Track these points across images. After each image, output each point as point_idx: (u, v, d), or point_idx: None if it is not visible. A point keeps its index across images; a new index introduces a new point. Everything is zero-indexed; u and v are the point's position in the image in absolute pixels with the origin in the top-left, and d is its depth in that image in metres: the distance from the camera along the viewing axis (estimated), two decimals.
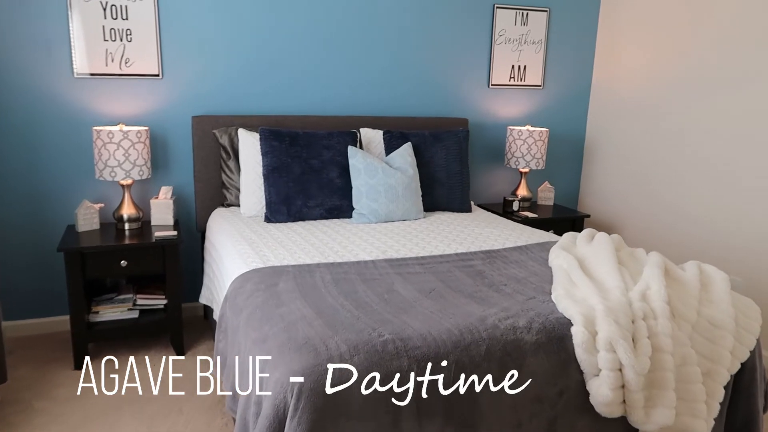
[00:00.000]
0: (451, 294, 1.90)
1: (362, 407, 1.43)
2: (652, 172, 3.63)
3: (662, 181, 3.54)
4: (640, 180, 3.72)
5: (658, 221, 3.58)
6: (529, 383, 1.60)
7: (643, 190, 3.70)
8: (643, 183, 3.69)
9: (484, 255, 2.34)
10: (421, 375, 1.49)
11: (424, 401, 1.49)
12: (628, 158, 3.82)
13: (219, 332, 2.08)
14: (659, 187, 3.57)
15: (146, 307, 2.98)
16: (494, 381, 1.56)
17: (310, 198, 2.91)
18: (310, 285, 1.93)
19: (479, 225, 2.91)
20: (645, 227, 3.68)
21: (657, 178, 3.59)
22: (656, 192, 3.59)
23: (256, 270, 2.08)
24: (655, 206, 3.61)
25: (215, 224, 2.91)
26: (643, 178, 3.69)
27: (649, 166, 3.65)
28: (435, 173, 3.19)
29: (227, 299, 2.04)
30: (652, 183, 3.62)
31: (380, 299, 1.82)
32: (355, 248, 2.43)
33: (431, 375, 1.50)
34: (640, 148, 3.72)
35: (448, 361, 1.53)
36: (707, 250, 3.25)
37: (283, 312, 1.71)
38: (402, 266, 2.16)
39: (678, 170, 3.43)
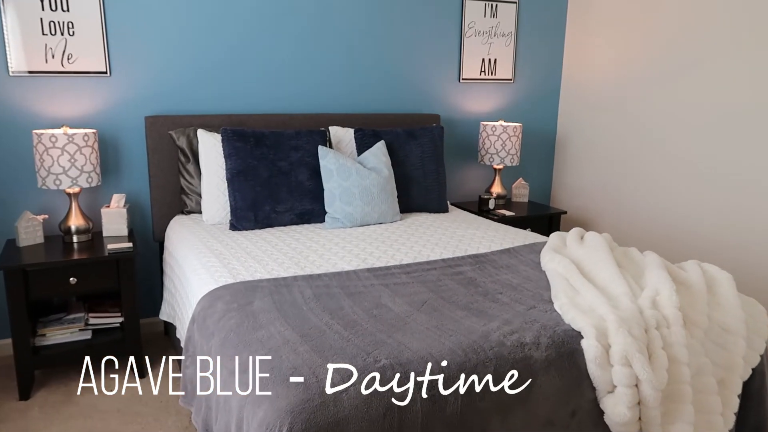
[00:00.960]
0: (445, 306, 1.73)
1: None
2: (625, 165, 3.57)
3: (636, 174, 3.48)
4: (613, 174, 3.65)
5: (635, 215, 3.52)
6: (540, 405, 1.45)
7: (617, 185, 3.63)
8: (617, 177, 3.62)
9: (473, 260, 2.18)
10: (426, 403, 1.32)
11: (429, 428, 1.32)
12: (600, 152, 3.75)
13: (186, 357, 1.86)
14: (633, 181, 3.50)
15: (100, 327, 2.71)
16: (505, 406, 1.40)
17: (279, 203, 2.70)
18: (290, 302, 1.73)
19: (460, 226, 2.77)
20: (621, 222, 3.62)
21: (630, 171, 3.52)
22: (630, 186, 3.53)
23: (226, 286, 1.87)
24: (630, 200, 3.54)
25: (175, 234, 2.67)
26: (617, 172, 3.62)
27: (621, 160, 3.58)
28: (410, 173, 3.03)
29: (194, 320, 1.83)
30: (625, 177, 3.56)
31: (369, 316, 1.64)
32: (333, 257, 2.24)
33: (436, 402, 1.33)
34: (612, 142, 3.65)
35: (454, 387, 1.36)
36: (686, 244, 3.20)
37: (262, 336, 1.51)
38: (387, 276, 1.98)
39: (651, 163, 3.38)
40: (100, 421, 2.33)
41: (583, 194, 3.90)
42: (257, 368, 1.36)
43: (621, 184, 3.61)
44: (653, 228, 3.39)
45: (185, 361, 1.86)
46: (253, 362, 1.39)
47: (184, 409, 2.27)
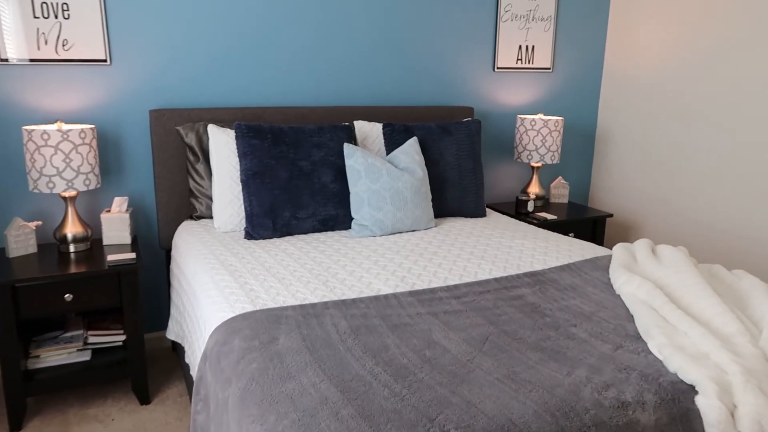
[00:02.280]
0: (512, 345, 1.42)
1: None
2: (674, 163, 3.23)
3: (687, 173, 3.14)
4: (661, 173, 3.31)
5: (687, 219, 3.18)
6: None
7: (665, 185, 3.29)
8: (665, 176, 3.28)
9: (530, 279, 1.87)
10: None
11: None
12: (645, 148, 3.40)
13: (197, 399, 1.56)
14: (684, 180, 3.16)
15: (101, 346, 2.42)
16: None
17: (301, 208, 2.38)
18: (323, 339, 1.42)
19: (504, 234, 2.45)
20: (671, 226, 3.28)
21: (680, 170, 3.18)
22: (681, 186, 3.19)
23: (245, 316, 1.56)
24: (680, 203, 3.20)
25: (183, 242, 2.37)
26: (665, 171, 3.28)
27: (670, 157, 3.24)
28: (445, 173, 2.70)
29: (207, 357, 1.52)
30: (674, 176, 3.22)
31: (422, 360, 1.33)
32: (365, 274, 1.93)
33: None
34: (660, 137, 3.30)
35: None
36: (748, 253, 2.86)
37: (292, 390, 1.20)
38: (433, 302, 1.67)
39: (704, 161, 3.03)
40: None
41: (626, 195, 3.57)
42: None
43: (670, 184, 3.27)
44: (710, 234, 3.06)
45: (195, 405, 1.56)
46: (282, 429, 1.08)
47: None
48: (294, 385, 1.22)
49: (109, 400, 2.42)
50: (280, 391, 1.20)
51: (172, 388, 2.51)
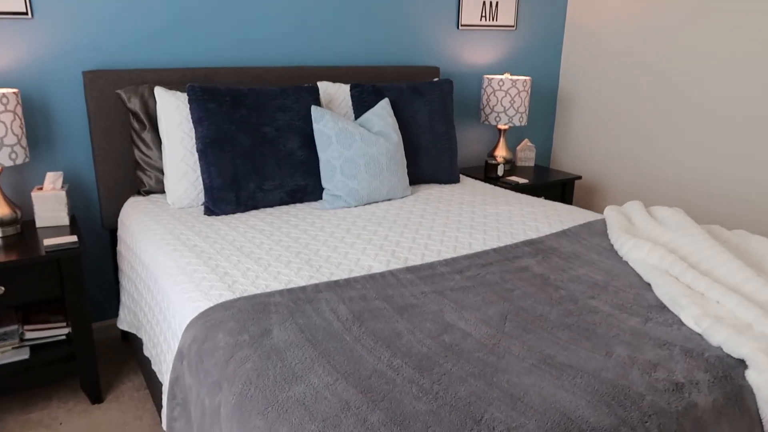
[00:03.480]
0: (534, 323, 1.28)
1: None
2: (638, 121, 3.18)
3: (652, 131, 3.10)
4: (624, 132, 3.26)
5: (651, 179, 3.15)
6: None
7: (628, 144, 3.25)
8: (629, 135, 3.23)
9: (530, 249, 1.73)
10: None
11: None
12: (608, 107, 3.34)
13: (172, 404, 1.35)
14: (649, 139, 3.12)
15: (40, 342, 2.14)
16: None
17: (266, 178, 2.15)
18: (324, 329, 1.23)
19: (485, 201, 2.30)
20: (636, 186, 3.25)
21: (645, 128, 3.14)
22: (645, 145, 3.15)
23: (225, 305, 1.35)
24: (645, 162, 3.17)
25: (133, 221, 2.09)
26: (628, 130, 3.23)
27: (634, 115, 3.19)
28: (418, 137, 2.52)
29: (183, 356, 1.30)
30: (639, 135, 3.17)
31: (442, 346, 1.17)
32: (351, 249, 1.74)
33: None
34: (623, 95, 3.24)
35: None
36: (715, 208, 2.86)
37: (303, 394, 1.01)
38: (435, 278, 1.51)
39: (669, 117, 2.99)
40: None
41: (589, 156, 3.51)
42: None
43: (634, 145, 3.22)
44: (679, 194, 3.04)
45: (171, 410, 1.34)
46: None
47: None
48: (303, 388, 1.03)
49: (55, 401, 2.14)
50: (287, 395, 1.01)
51: (127, 383, 2.25)
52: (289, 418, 0.96)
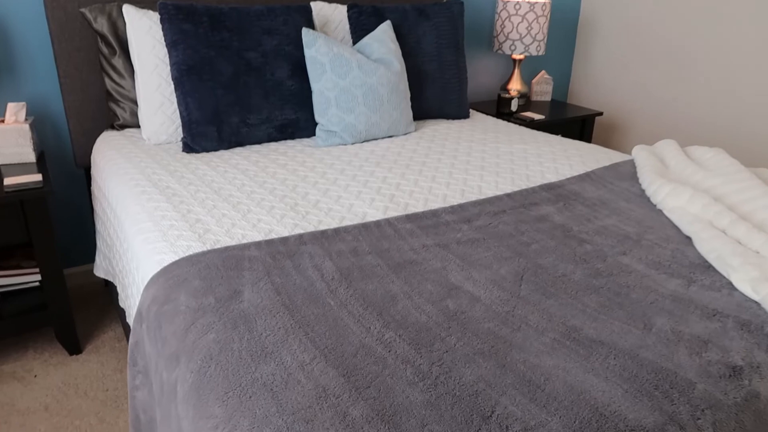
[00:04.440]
0: (556, 285, 1.07)
1: None
2: (667, 50, 2.87)
3: (683, 60, 2.80)
4: (652, 62, 2.95)
5: (681, 115, 2.88)
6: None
7: (657, 76, 2.95)
8: (657, 66, 2.93)
9: (549, 194, 1.51)
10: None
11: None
12: (634, 35, 3.02)
13: (134, 371, 1.17)
14: (679, 69, 2.83)
15: (11, 288, 1.97)
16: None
17: (252, 111, 1.91)
18: (304, 291, 1.03)
19: (498, 139, 2.06)
20: (660, 125, 2.98)
21: (675, 57, 2.83)
22: (676, 76, 2.85)
23: (192, 259, 1.15)
24: (674, 95, 2.88)
25: (104, 159, 1.88)
26: (656, 60, 2.93)
27: (663, 42, 2.88)
28: (423, 65, 2.25)
29: (143, 319, 1.11)
30: (669, 65, 2.87)
31: (445, 314, 0.97)
32: (344, 193, 1.53)
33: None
34: (651, 20, 2.92)
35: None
36: (756, 146, 2.60)
37: (271, 376, 0.82)
38: (439, 228, 1.30)
39: (700, 50, 2.69)
40: (19, 427, 1.66)
41: (611, 91, 3.22)
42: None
43: (664, 77, 2.93)
44: (715, 133, 2.77)
45: (133, 378, 1.17)
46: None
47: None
48: (273, 368, 0.84)
49: (31, 352, 2.00)
50: (253, 377, 0.82)
51: (108, 332, 2.10)
52: (252, 408, 0.77)
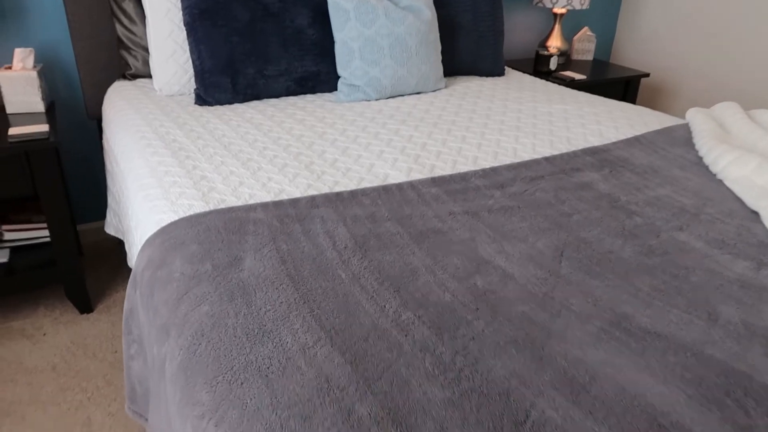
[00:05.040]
0: (602, 264, 0.93)
1: None
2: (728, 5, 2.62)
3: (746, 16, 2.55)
4: (709, 20, 2.70)
5: (739, 79, 2.64)
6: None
7: (714, 35, 2.70)
8: (715, 24, 2.68)
9: (593, 159, 1.35)
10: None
11: None
12: None
13: (129, 339, 1.08)
14: (740, 27, 2.58)
15: (21, 243, 1.91)
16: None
17: (269, 62, 1.77)
18: (313, 260, 0.91)
19: (536, 98, 1.89)
20: (720, 90, 2.75)
21: (737, 13, 2.58)
22: (735, 35, 2.61)
23: (192, 220, 1.03)
24: (732, 57, 2.64)
25: (113, 110, 1.77)
26: (715, 17, 2.68)
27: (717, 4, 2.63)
28: (456, 16, 2.07)
29: (137, 284, 1.01)
30: (728, 23, 2.62)
31: (473, 293, 0.84)
32: (365, 152, 1.39)
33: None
34: None
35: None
36: None
37: (267, 360, 0.71)
38: (468, 194, 1.15)
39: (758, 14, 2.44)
40: (26, 386, 1.60)
41: (660, 50, 2.98)
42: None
43: (722, 37, 2.68)
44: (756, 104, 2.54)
45: (128, 347, 1.08)
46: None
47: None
48: (270, 349, 0.72)
49: (41, 308, 1.94)
50: (247, 360, 0.71)
51: (120, 291, 2.03)
52: (242, 397, 0.66)
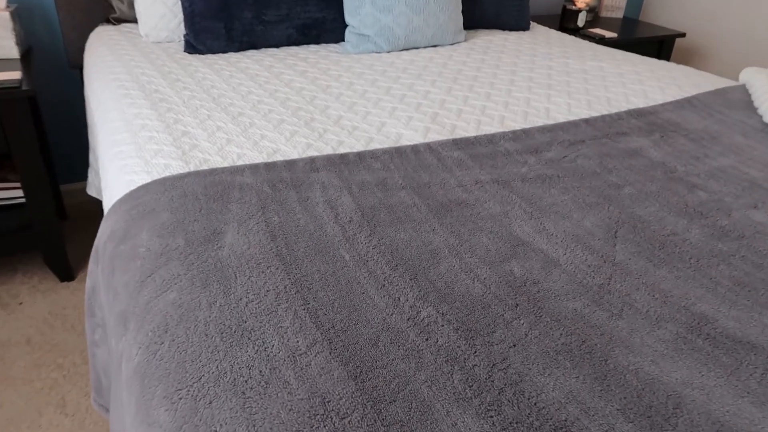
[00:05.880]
0: (666, 248, 0.76)
1: None
2: None
3: None
4: None
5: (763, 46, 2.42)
6: None
7: None
8: None
9: (640, 122, 1.16)
10: None
11: None
12: None
13: (91, 321, 0.91)
14: None
15: None
16: None
17: (268, 6, 1.57)
18: (310, 237, 0.74)
19: (566, 54, 1.69)
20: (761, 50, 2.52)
21: None
22: None
23: (166, 183, 0.86)
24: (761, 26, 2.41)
25: (94, 57, 1.58)
26: None
27: None
28: None
29: (98, 258, 0.84)
30: None
31: (507, 283, 0.67)
32: (374, 108, 1.20)
33: None
34: None
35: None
36: None
37: (247, 370, 0.54)
38: (497, 159, 0.97)
39: None
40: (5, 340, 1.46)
41: (695, 7, 2.74)
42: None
43: None
44: None
45: (92, 332, 0.91)
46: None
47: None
48: (251, 355, 0.55)
49: (19, 275, 1.79)
50: (219, 369, 0.54)
51: None
52: (210, 422, 0.49)
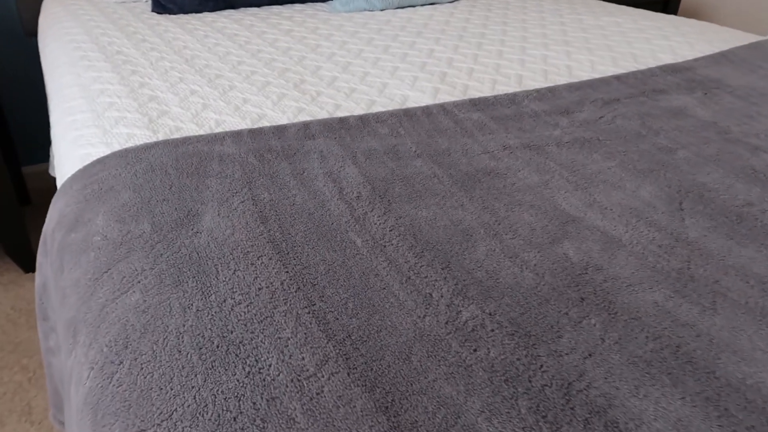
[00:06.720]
0: (744, 221, 0.62)
1: None
2: None
3: None
4: None
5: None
6: None
7: None
8: None
9: (677, 79, 1.02)
10: None
11: None
12: None
13: (44, 325, 0.76)
14: None
15: None
16: None
17: None
18: (309, 216, 0.59)
19: (576, 9, 1.54)
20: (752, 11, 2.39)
21: None
22: None
23: (128, 154, 0.70)
24: None
25: (49, 20, 1.39)
26: None
27: None
28: None
29: (47, 250, 0.68)
30: None
31: (563, 269, 0.53)
32: (373, 68, 1.05)
33: None
34: None
35: None
36: None
37: (236, 402, 0.39)
38: (523, 121, 0.83)
39: None
40: None
41: None
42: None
43: None
44: None
45: (46, 339, 0.76)
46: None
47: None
48: (240, 379, 0.41)
49: None
50: (198, 399, 0.40)
51: None
52: None
